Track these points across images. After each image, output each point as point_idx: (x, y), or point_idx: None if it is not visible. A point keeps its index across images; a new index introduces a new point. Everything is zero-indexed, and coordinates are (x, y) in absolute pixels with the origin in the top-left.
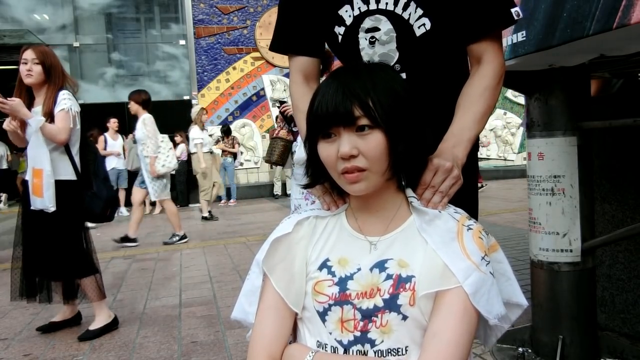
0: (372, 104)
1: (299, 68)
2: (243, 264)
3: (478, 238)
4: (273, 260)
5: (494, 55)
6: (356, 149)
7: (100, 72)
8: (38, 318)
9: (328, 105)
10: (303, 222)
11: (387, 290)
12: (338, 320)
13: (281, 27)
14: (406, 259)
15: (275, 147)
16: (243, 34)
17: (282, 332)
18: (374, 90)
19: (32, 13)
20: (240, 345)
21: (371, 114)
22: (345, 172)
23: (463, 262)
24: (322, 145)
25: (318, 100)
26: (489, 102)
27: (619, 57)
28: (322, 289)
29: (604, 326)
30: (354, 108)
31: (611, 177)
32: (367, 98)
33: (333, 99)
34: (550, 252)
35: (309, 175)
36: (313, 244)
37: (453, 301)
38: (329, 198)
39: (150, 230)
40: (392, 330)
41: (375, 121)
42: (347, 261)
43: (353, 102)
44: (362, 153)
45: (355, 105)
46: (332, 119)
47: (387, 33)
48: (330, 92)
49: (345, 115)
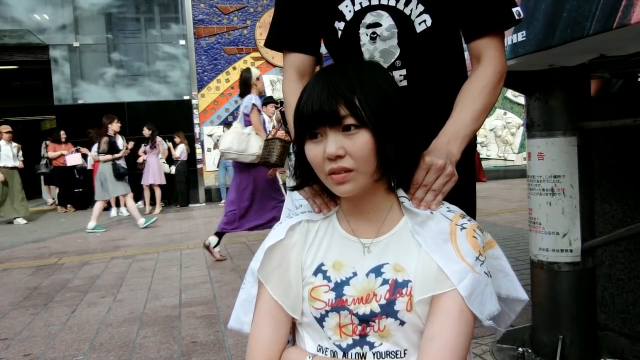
0: (358, 102)
1: (293, 65)
2: (243, 264)
3: (472, 237)
4: (268, 268)
5: (494, 54)
6: (342, 149)
7: (100, 72)
8: (38, 318)
9: (313, 105)
10: (295, 228)
11: (383, 295)
12: (336, 326)
13: (278, 23)
14: (402, 263)
15: (274, 148)
16: (243, 34)
17: (280, 337)
18: (361, 88)
19: (32, 13)
20: (240, 345)
21: (357, 113)
22: (332, 173)
23: (457, 264)
24: (308, 146)
25: (304, 99)
26: (487, 100)
27: (619, 57)
28: (318, 295)
29: (604, 326)
30: (340, 107)
31: (611, 177)
32: (353, 97)
33: (318, 98)
34: (550, 252)
35: (298, 177)
36: (307, 248)
37: (449, 304)
38: (319, 200)
39: (150, 230)
40: (391, 334)
41: (361, 120)
42: (342, 265)
43: (339, 101)
44: (348, 153)
45: (341, 104)
46: (318, 119)
47: (388, 29)
48: (316, 91)
49: (331, 114)
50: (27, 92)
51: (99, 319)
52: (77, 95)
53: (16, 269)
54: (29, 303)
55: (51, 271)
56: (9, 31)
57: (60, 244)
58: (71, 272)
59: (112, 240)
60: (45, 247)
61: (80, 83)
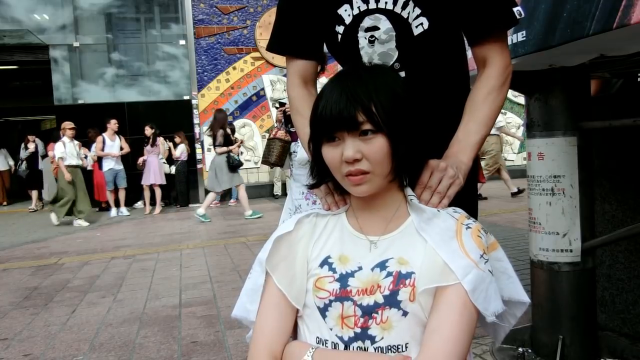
0: (375, 109)
1: (297, 71)
2: (243, 264)
3: (477, 237)
4: (275, 258)
5: (498, 56)
6: (360, 153)
7: (100, 72)
8: (38, 318)
9: (332, 110)
10: (304, 221)
11: (387, 286)
12: (338, 317)
13: (279, 27)
14: (406, 257)
15: (274, 148)
16: (243, 34)
17: (284, 329)
18: (377, 94)
19: (32, 13)
20: (240, 345)
21: (374, 119)
22: (349, 175)
23: (462, 259)
24: (326, 148)
25: (322, 104)
26: (494, 104)
27: (619, 57)
28: (322, 285)
29: (604, 326)
30: (358, 114)
31: (611, 177)
32: (370, 103)
33: (337, 104)
34: (550, 252)
35: (314, 176)
36: (314, 241)
37: (452, 298)
38: (330, 199)
39: (150, 230)
40: (393, 326)
41: (377, 126)
42: (348, 259)
43: (357, 107)
44: (365, 157)
45: (359, 111)
46: (336, 124)
47: (386, 32)
48: (334, 97)
49: (349, 120)
50: (27, 92)
51: (99, 319)
52: (77, 95)
53: (16, 269)
54: (29, 303)
55: (51, 271)
56: (9, 31)
57: (60, 244)
58: (71, 272)
59: (112, 240)
60: (45, 247)
61: (80, 83)
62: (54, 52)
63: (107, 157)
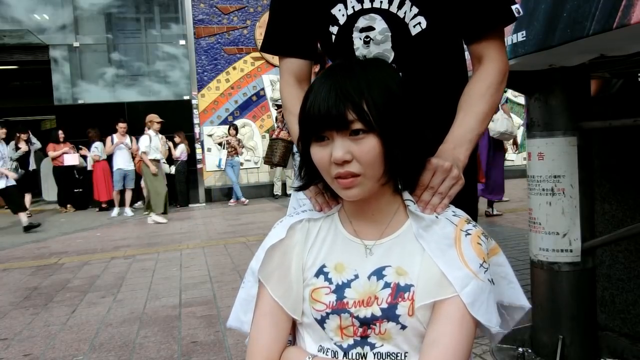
0: (366, 107)
1: (290, 69)
2: (243, 264)
3: (477, 244)
4: (268, 268)
5: (495, 54)
6: (350, 154)
7: (100, 72)
8: (38, 318)
9: (320, 107)
10: (296, 227)
11: (385, 299)
12: (337, 328)
13: (273, 27)
14: (404, 267)
15: (277, 148)
16: (243, 34)
17: (280, 337)
18: (369, 90)
19: (32, 13)
20: (240, 345)
21: (365, 117)
22: (338, 177)
23: (460, 270)
24: (314, 148)
25: (310, 100)
26: (491, 101)
27: (619, 57)
28: (319, 297)
29: (604, 326)
30: (348, 111)
31: (611, 177)
32: (361, 100)
33: (325, 100)
34: (550, 252)
35: (303, 177)
36: (308, 248)
37: (451, 310)
38: (321, 199)
39: (150, 231)
40: (392, 337)
41: (369, 125)
42: (344, 267)
43: (346, 105)
44: (356, 158)
45: (349, 109)
46: (325, 122)
47: (382, 32)
48: (323, 93)
49: (338, 118)
50: (27, 92)
51: (99, 319)
52: (77, 95)
53: (16, 269)
54: (29, 303)
55: (51, 271)
56: (9, 31)
57: (60, 244)
58: (71, 272)
59: (112, 240)
60: (45, 247)
61: (80, 83)
62: (54, 52)
63: (116, 158)
